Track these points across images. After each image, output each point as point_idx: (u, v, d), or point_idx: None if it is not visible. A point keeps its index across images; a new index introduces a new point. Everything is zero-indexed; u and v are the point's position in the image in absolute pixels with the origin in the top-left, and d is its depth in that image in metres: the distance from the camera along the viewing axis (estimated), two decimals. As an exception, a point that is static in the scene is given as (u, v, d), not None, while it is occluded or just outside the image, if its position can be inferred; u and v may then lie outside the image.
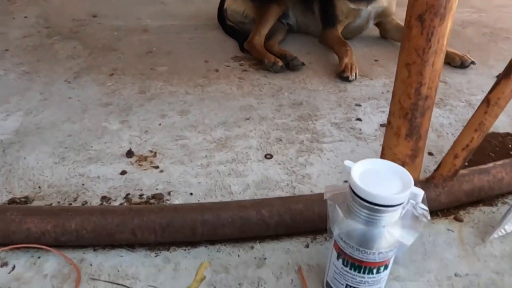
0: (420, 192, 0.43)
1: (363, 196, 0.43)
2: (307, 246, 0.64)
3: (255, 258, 0.62)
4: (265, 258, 0.62)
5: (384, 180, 0.45)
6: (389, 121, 0.61)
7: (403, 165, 0.63)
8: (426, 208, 0.47)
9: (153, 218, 0.60)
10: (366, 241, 0.45)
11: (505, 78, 0.61)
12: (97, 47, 1.37)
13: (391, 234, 0.45)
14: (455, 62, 1.31)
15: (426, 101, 0.57)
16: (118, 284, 0.57)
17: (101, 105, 1.02)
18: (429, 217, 0.47)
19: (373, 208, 0.44)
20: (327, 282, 0.54)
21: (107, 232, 0.60)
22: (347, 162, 0.46)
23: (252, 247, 0.63)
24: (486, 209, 0.73)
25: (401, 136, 0.60)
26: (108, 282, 0.57)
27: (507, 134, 0.95)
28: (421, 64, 0.54)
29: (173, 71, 1.22)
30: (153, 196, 0.73)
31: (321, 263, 0.61)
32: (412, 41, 0.53)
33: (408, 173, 0.45)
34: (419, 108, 0.57)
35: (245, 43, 1.34)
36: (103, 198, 0.72)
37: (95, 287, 0.56)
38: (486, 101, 0.63)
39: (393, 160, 0.62)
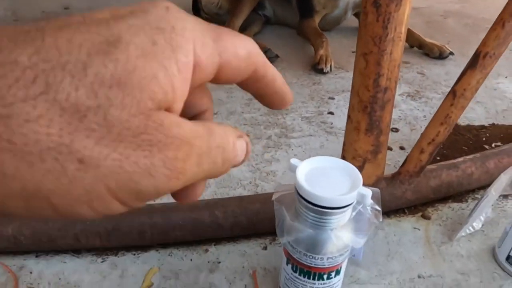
0: (368, 193, 0.39)
1: (307, 198, 0.40)
2: (265, 248, 0.61)
3: (208, 262, 0.58)
4: (219, 262, 0.58)
5: (331, 180, 0.41)
6: (349, 115, 0.57)
7: (364, 161, 0.59)
8: (379, 208, 0.44)
9: (98, 221, 0.56)
10: (313, 246, 0.42)
11: (471, 69, 0.58)
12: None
13: (339, 237, 0.41)
14: (434, 53, 1.28)
15: (385, 94, 0.53)
16: (58, 293, 0.53)
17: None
18: (381, 219, 0.44)
19: (319, 210, 0.40)
20: (279, 286, 0.51)
21: (48, 237, 0.55)
22: (293, 161, 0.42)
23: (207, 250, 0.60)
24: (455, 205, 0.70)
25: (361, 131, 0.56)
26: (48, 291, 0.53)
27: (482, 127, 0.93)
28: (378, 54, 0.50)
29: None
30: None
31: (278, 266, 0.57)
32: (368, 28, 0.50)
33: (358, 171, 0.42)
34: (378, 101, 0.53)
35: (219, 34, 1.30)
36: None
37: (33, 297, 0.53)
38: (452, 93, 0.60)
39: (354, 156, 0.59)
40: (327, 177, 0.41)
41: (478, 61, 0.56)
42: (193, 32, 0.16)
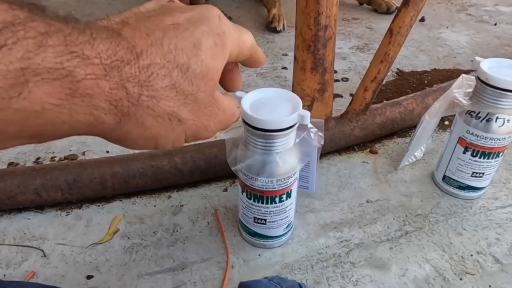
0: (307, 114, 0.42)
1: (253, 124, 0.42)
2: (225, 190, 0.64)
3: (171, 206, 0.61)
4: (182, 205, 0.61)
5: (274, 107, 0.44)
6: (295, 56, 0.60)
7: (313, 100, 0.63)
8: (321, 134, 0.48)
9: (57, 175, 0.57)
10: (263, 170, 0.45)
11: (405, 6, 0.62)
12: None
13: (285, 160, 0.45)
14: (382, 9, 1.33)
15: (326, 31, 0.56)
16: (24, 246, 0.54)
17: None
18: (322, 142, 0.48)
19: (265, 135, 0.43)
20: (239, 219, 0.55)
21: (7, 194, 0.56)
22: (238, 93, 0.45)
23: (169, 196, 0.62)
24: (400, 140, 0.75)
25: (307, 70, 0.59)
26: (13, 245, 0.54)
27: (425, 71, 0.99)
28: (316, -8, 0.53)
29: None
30: (66, 158, 0.69)
31: (238, 205, 0.61)
32: (304, -32, 0.52)
33: (297, 97, 0.45)
34: (320, 39, 0.57)
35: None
36: (10, 164, 0.68)
37: (-1, 251, 0.53)
38: (389, 31, 0.64)
39: (303, 96, 0.62)
40: (270, 105, 0.44)
41: (411, -2, 0.60)
42: (232, 34, 0.26)
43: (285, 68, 0.99)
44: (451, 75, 0.96)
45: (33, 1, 0.19)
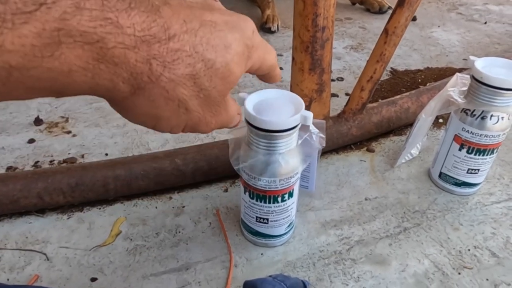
0: (310, 115, 0.43)
1: (256, 125, 0.43)
2: (226, 190, 0.64)
3: (173, 207, 0.61)
4: (184, 206, 0.61)
5: (277, 108, 0.45)
6: (293, 57, 0.61)
7: (311, 101, 0.64)
8: (323, 135, 0.49)
9: (60, 178, 0.57)
10: (266, 170, 0.46)
11: (400, 7, 0.63)
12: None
13: (287, 161, 0.46)
14: (374, 8, 1.34)
15: (324, 32, 0.57)
16: (26, 250, 0.54)
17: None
18: (324, 144, 0.48)
19: (268, 135, 0.44)
20: (241, 219, 0.55)
21: (10, 199, 0.56)
22: (241, 94, 0.46)
23: (171, 198, 0.63)
24: (396, 138, 0.77)
25: (305, 70, 0.60)
26: (16, 249, 0.54)
27: (418, 70, 1.00)
28: (314, -6, 0.54)
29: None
30: (65, 161, 0.69)
31: (239, 205, 0.61)
32: (302, -30, 0.53)
33: (300, 98, 0.46)
34: (318, 40, 0.57)
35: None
36: (9, 168, 0.68)
37: (2, 256, 0.53)
38: (385, 31, 0.65)
39: (301, 96, 0.63)
40: (273, 106, 0.45)
41: (405, -1, 0.61)
42: (258, 50, 0.27)
43: (281, 68, 1.00)
44: (444, 73, 0.98)
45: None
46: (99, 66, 0.20)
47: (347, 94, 0.90)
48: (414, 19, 1.31)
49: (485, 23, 1.30)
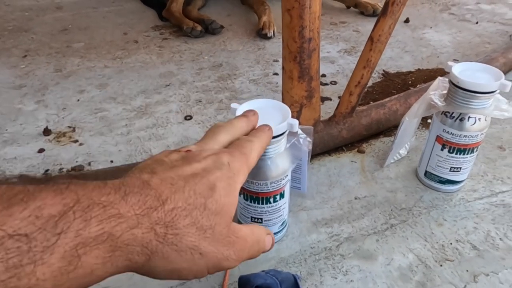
0: (295, 122, 0.47)
1: (247, 133, 0.47)
2: (223, 193, 0.68)
3: (174, 210, 0.65)
4: (184, 209, 0.65)
5: (266, 116, 0.49)
6: (283, 66, 0.65)
7: (301, 106, 0.68)
8: (310, 140, 0.53)
9: (68, 186, 0.61)
10: (258, 174, 0.50)
11: (383, 16, 0.66)
12: (6, 30, 1.30)
13: (277, 165, 0.50)
14: (368, 11, 1.38)
15: (310, 43, 0.61)
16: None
17: (14, 88, 0.99)
18: (311, 146, 0.52)
19: (257, 142, 0.48)
20: (237, 219, 0.59)
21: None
22: (233, 104, 0.50)
23: (172, 201, 0.67)
24: (386, 139, 0.80)
25: (294, 78, 0.64)
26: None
27: (409, 72, 1.04)
28: (299, 8, 0.58)
29: (90, 46, 1.19)
30: (73, 169, 0.74)
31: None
32: (288, -13, 0.57)
33: (286, 107, 0.50)
34: (305, 50, 0.61)
35: (164, 11, 1.33)
36: (21, 176, 0.72)
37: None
38: (370, 39, 0.68)
39: (292, 103, 0.67)
40: (262, 114, 0.49)
41: (388, 8, 0.65)
42: (240, 173, 0.32)
43: (276, 74, 1.04)
44: (434, 74, 1.01)
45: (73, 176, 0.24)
46: (115, 254, 0.23)
47: (339, 97, 0.94)
48: (406, 20, 1.34)
49: (477, 23, 1.33)
